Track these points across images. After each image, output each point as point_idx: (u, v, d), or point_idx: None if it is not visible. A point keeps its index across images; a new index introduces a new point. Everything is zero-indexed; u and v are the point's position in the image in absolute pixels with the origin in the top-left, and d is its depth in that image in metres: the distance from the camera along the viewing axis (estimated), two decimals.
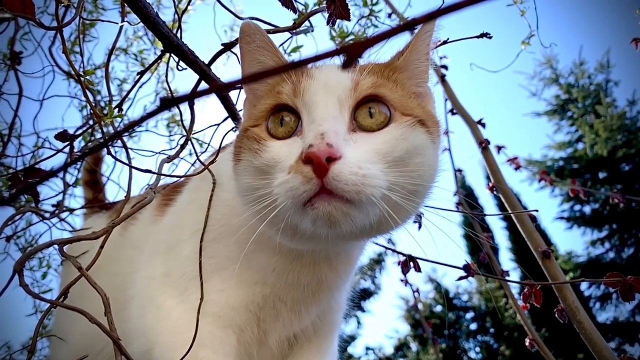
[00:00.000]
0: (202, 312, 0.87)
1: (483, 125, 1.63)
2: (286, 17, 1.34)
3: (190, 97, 0.39)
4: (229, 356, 0.90)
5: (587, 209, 9.21)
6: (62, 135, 1.02)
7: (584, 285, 8.58)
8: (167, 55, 1.18)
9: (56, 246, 0.78)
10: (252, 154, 0.78)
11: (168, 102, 0.34)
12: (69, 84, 2.00)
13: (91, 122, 1.53)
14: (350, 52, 0.31)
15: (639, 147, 8.74)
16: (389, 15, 1.99)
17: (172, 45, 1.06)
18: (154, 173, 0.95)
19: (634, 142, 8.66)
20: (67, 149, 1.13)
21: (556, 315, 1.19)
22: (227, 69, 2.34)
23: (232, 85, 0.38)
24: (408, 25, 0.32)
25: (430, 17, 0.32)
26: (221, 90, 0.81)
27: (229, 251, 0.92)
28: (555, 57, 9.37)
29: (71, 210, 1.70)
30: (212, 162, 0.95)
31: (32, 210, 1.13)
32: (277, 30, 1.12)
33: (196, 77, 1.11)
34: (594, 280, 1.01)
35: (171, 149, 2.08)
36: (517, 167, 1.92)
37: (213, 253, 0.92)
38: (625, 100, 9.01)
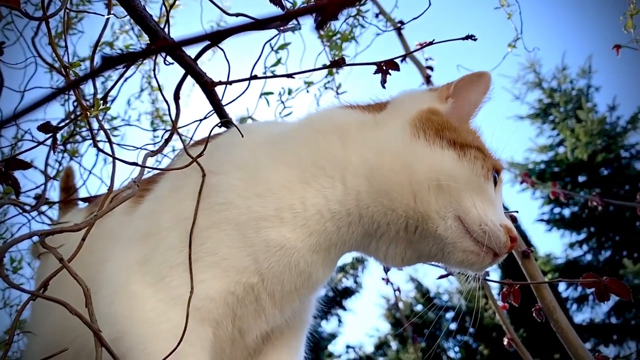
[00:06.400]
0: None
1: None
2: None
3: (136, 56, 0.37)
4: (205, 349, 0.89)
5: (566, 212, 9.34)
6: (45, 127, 1.01)
7: (561, 287, 8.70)
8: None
9: (35, 238, 0.77)
10: (482, 173, 0.93)
11: (110, 60, 0.32)
12: (51, 77, 1.97)
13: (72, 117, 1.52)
14: (325, 12, 0.28)
15: (618, 152, 8.89)
16: (377, 16, 2.00)
17: (159, 39, 1.05)
18: (140, 166, 0.94)
19: (613, 147, 8.80)
20: (49, 141, 1.12)
21: (534, 314, 1.21)
22: (214, 64, 2.33)
23: (182, 44, 0.35)
24: None
25: None
26: (171, 49, 0.79)
27: (225, 234, 0.92)
28: (538, 62, 9.48)
29: (51, 204, 1.68)
30: (200, 154, 0.95)
31: (12, 202, 1.11)
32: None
33: (182, 71, 1.11)
34: (572, 280, 1.03)
35: (154, 143, 2.06)
36: None
37: (205, 239, 0.92)
38: (606, 106, 9.15)
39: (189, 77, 1.11)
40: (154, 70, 1.30)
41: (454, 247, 0.91)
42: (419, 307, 11.60)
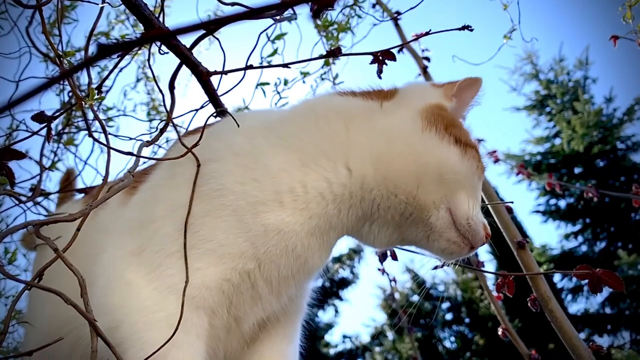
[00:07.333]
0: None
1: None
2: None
3: (131, 45, 0.36)
4: (200, 338, 0.89)
5: (562, 203, 9.39)
6: (39, 117, 1.00)
7: (556, 277, 8.76)
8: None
9: (30, 228, 0.77)
10: (477, 172, 1.00)
11: (105, 49, 0.32)
12: (46, 66, 1.96)
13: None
14: (321, 0, 0.29)
15: (614, 143, 8.92)
16: (373, 6, 1.99)
17: (154, 28, 1.05)
18: (135, 156, 0.93)
19: (609, 139, 8.83)
20: (43, 131, 1.11)
21: (529, 304, 1.22)
22: (210, 54, 2.32)
23: (176, 32, 0.36)
24: None
25: None
26: (166, 38, 0.78)
27: (221, 221, 0.91)
28: (535, 53, 9.50)
29: (46, 194, 1.67)
30: (195, 145, 0.95)
31: (8, 193, 1.11)
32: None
33: (178, 61, 1.11)
34: (565, 272, 1.03)
35: (150, 134, 2.06)
36: (496, 161, 1.95)
37: (200, 226, 0.91)
38: (602, 98, 9.19)
39: (184, 67, 1.11)
40: (149, 60, 1.29)
41: (439, 235, 0.97)
42: (415, 298, 11.67)
